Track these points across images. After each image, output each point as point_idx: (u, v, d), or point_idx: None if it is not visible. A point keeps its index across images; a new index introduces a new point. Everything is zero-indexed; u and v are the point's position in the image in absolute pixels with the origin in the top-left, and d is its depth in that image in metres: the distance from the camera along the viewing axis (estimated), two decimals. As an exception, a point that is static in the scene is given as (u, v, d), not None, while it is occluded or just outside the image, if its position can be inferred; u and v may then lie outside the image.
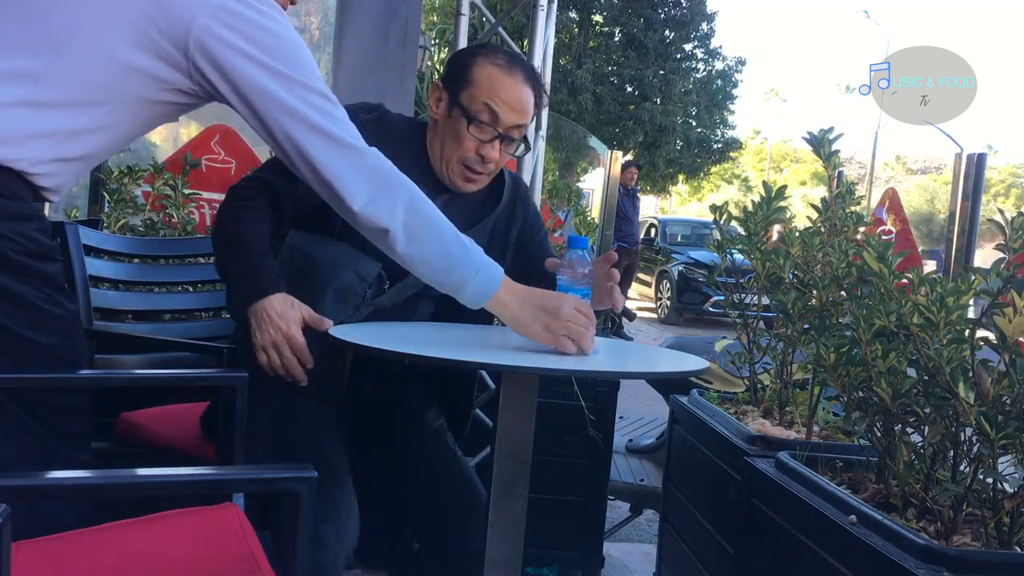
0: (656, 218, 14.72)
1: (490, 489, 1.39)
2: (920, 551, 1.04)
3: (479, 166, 1.62)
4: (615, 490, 2.77)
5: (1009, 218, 1.17)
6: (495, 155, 1.62)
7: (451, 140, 1.61)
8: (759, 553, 1.48)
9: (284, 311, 1.40)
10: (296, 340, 1.40)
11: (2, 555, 0.78)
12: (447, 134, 1.62)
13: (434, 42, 5.49)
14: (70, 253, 1.93)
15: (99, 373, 1.89)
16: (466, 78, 1.61)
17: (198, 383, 1.65)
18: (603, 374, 1.97)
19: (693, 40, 18.40)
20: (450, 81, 1.64)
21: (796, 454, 1.45)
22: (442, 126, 1.64)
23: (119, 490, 0.95)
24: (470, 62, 1.62)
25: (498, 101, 1.59)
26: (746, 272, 1.86)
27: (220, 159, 3.18)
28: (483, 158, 1.61)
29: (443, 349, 1.41)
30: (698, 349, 2.23)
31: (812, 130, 1.74)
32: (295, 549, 1.01)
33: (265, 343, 1.40)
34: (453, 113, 1.61)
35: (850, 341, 1.37)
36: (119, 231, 2.80)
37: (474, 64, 1.61)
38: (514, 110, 1.60)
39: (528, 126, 1.66)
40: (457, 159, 1.61)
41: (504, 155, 1.64)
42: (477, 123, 1.59)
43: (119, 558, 1.19)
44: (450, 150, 1.62)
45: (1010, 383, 1.10)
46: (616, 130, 17.60)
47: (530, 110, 1.64)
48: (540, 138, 2.50)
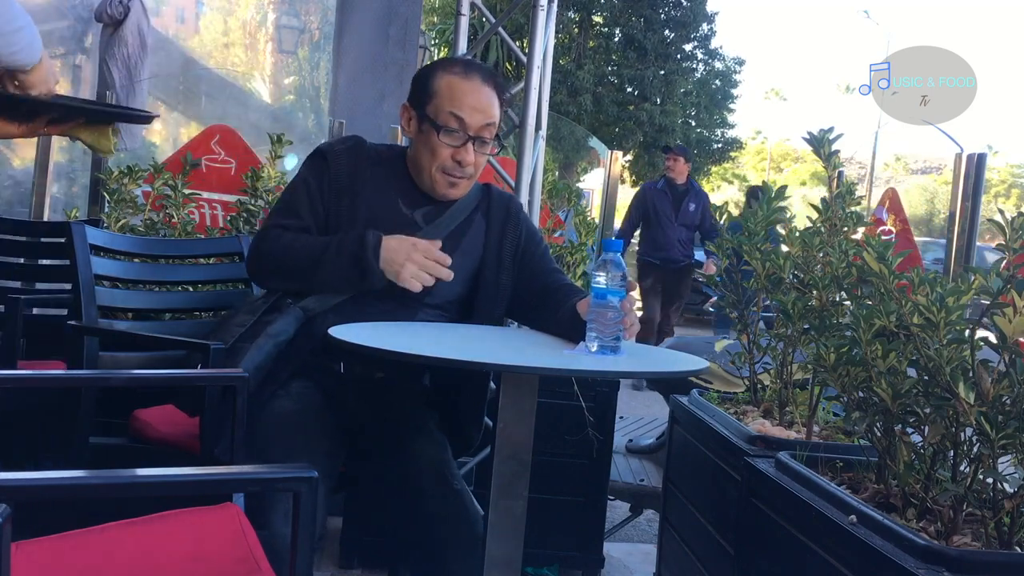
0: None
1: (490, 489, 1.39)
2: (920, 551, 1.04)
3: (457, 171, 1.70)
4: (615, 490, 2.77)
5: (1009, 218, 1.18)
6: (470, 158, 1.70)
7: (426, 152, 1.70)
8: (759, 553, 1.48)
9: (393, 244, 1.59)
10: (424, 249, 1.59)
11: (2, 555, 0.78)
12: (422, 148, 1.71)
13: (434, 42, 5.49)
14: (75, 252, 1.93)
15: (99, 373, 1.90)
16: (428, 92, 1.70)
17: (198, 383, 1.65)
18: (603, 374, 1.97)
19: (693, 40, 18.39)
20: (415, 99, 1.73)
21: (796, 454, 1.45)
22: (416, 142, 1.74)
23: (119, 490, 0.96)
24: (429, 76, 1.72)
25: (462, 107, 1.67)
26: (746, 272, 1.86)
27: (220, 159, 3.18)
28: (460, 163, 1.69)
29: (443, 349, 1.41)
30: (698, 349, 2.23)
31: (812, 130, 1.74)
32: (295, 549, 1.01)
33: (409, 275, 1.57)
34: (423, 127, 1.71)
35: (850, 341, 1.37)
36: (119, 231, 2.80)
37: (433, 77, 1.71)
38: (478, 111, 1.68)
39: (497, 124, 1.73)
40: (436, 168, 1.70)
41: (480, 156, 1.73)
42: (447, 131, 1.67)
43: (119, 558, 1.19)
44: (427, 161, 1.70)
45: (1010, 383, 1.10)
46: (616, 130, 17.59)
47: (495, 110, 1.71)
48: (540, 138, 2.50)
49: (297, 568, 1.01)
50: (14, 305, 2.25)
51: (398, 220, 1.70)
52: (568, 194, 3.05)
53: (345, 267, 1.60)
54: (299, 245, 1.65)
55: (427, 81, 1.71)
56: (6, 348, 2.22)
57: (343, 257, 1.60)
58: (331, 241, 1.63)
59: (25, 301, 2.31)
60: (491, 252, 1.78)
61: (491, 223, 1.80)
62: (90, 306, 1.94)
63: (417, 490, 1.59)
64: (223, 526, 1.30)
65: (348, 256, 1.59)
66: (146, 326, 2.23)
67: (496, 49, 13.39)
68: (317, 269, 1.62)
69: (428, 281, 1.59)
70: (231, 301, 2.14)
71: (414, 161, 1.74)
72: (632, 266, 14.46)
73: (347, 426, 1.66)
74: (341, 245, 1.61)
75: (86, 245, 1.97)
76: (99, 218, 2.92)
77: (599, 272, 1.43)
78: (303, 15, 7.28)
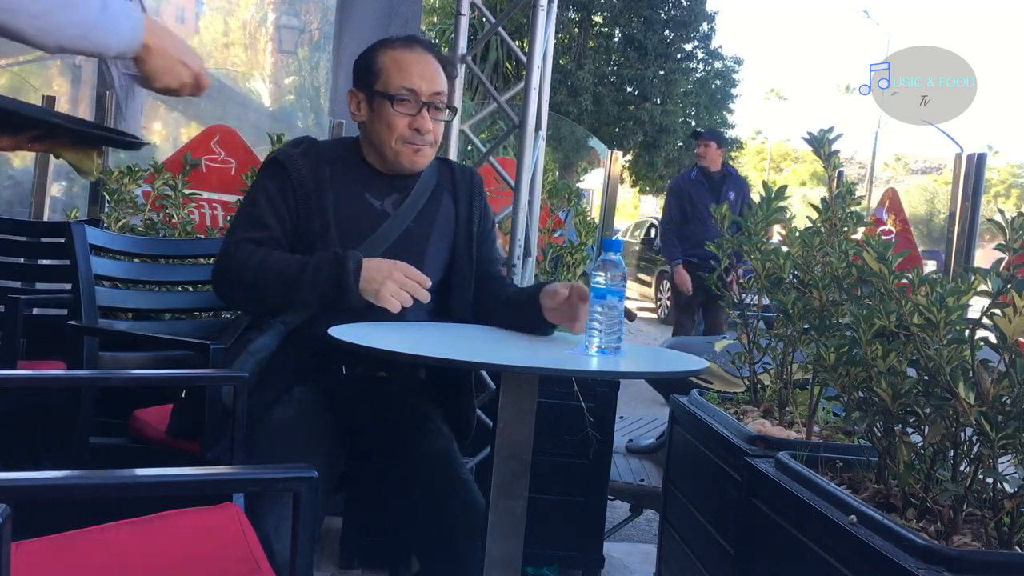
0: (656, 218, 14.71)
1: (490, 489, 1.39)
2: (920, 551, 1.04)
3: (417, 139, 1.70)
4: (615, 490, 2.77)
5: (1009, 218, 1.17)
6: (428, 124, 1.70)
7: (383, 128, 1.70)
8: (759, 553, 1.48)
9: (374, 265, 1.57)
10: (404, 268, 1.58)
11: (2, 555, 0.78)
12: (378, 125, 1.71)
13: (434, 42, 5.49)
14: (76, 252, 1.94)
15: (99, 373, 1.90)
16: (373, 70, 1.71)
17: (198, 383, 1.65)
18: (603, 374, 1.97)
19: (693, 40, 18.38)
20: (361, 81, 1.74)
21: (796, 454, 1.45)
22: (370, 122, 1.73)
23: (119, 490, 0.95)
24: (372, 56, 1.73)
25: (411, 76, 1.69)
26: (746, 272, 1.86)
27: (220, 159, 3.18)
28: (418, 131, 1.69)
29: (443, 349, 1.41)
30: (698, 349, 2.23)
31: (812, 130, 1.74)
32: (295, 549, 1.01)
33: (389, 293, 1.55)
34: (375, 104, 1.71)
35: (850, 341, 1.37)
36: (119, 231, 2.80)
37: (376, 55, 1.72)
38: (426, 79, 1.70)
39: (446, 94, 1.75)
40: (396, 140, 1.70)
41: (437, 123, 1.73)
42: (399, 99, 1.68)
43: (119, 558, 1.19)
44: (386, 136, 1.70)
45: (1010, 383, 1.10)
46: (616, 130, 17.58)
47: (442, 78, 1.73)
48: (540, 138, 2.50)
49: (297, 568, 1.01)
50: (14, 305, 2.25)
51: (368, 213, 1.70)
52: (568, 194, 3.05)
53: (322, 288, 1.57)
54: (272, 264, 1.60)
55: (370, 61, 1.72)
56: (6, 348, 2.23)
57: (320, 277, 1.57)
58: (307, 262, 1.59)
59: (25, 301, 2.31)
60: (462, 230, 1.79)
61: (458, 200, 1.81)
62: (90, 306, 1.94)
63: (428, 478, 1.59)
64: (223, 526, 1.30)
65: (326, 278, 1.57)
66: (146, 326, 2.23)
67: (496, 49, 13.39)
68: (293, 290, 1.59)
69: (407, 301, 1.57)
70: (231, 301, 2.14)
71: (371, 143, 1.73)
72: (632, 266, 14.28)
73: (348, 426, 1.66)
74: (319, 267, 1.58)
75: (86, 245, 1.97)
76: (99, 218, 2.92)
77: (599, 272, 1.43)
78: (303, 15, 7.28)
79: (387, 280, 1.56)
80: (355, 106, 1.74)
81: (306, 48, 7.30)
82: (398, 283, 1.56)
